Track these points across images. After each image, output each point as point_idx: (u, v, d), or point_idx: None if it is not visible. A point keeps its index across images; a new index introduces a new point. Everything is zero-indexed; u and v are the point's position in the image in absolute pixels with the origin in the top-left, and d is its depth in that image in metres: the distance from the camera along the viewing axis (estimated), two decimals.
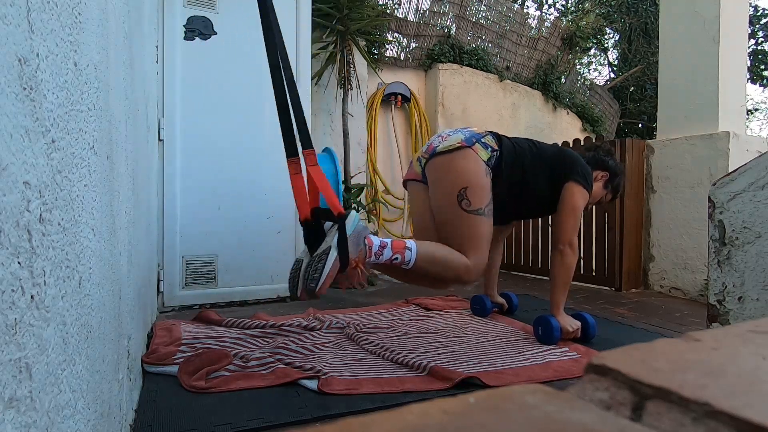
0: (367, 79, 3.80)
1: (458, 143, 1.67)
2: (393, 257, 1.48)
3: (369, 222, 3.71)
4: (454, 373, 1.42)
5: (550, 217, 2.13)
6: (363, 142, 3.74)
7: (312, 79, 3.05)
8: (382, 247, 1.47)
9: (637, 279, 3.20)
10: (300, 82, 2.67)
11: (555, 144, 1.97)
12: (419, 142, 4.26)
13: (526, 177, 1.80)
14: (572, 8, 9.74)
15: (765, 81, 9.83)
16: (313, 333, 1.88)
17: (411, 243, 1.52)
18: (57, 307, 0.51)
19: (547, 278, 1.88)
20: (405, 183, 1.94)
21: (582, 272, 3.38)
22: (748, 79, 4.34)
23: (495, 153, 1.73)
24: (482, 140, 1.72)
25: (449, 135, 1.74)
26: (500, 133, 1.84)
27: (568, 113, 5.39)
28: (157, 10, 2.32)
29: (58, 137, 0.53)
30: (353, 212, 1.46)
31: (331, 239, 1.39)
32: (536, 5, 9.78)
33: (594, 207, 3.27)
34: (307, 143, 1.50)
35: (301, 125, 1.50)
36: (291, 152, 1.45)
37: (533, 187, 1.82)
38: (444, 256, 1.57)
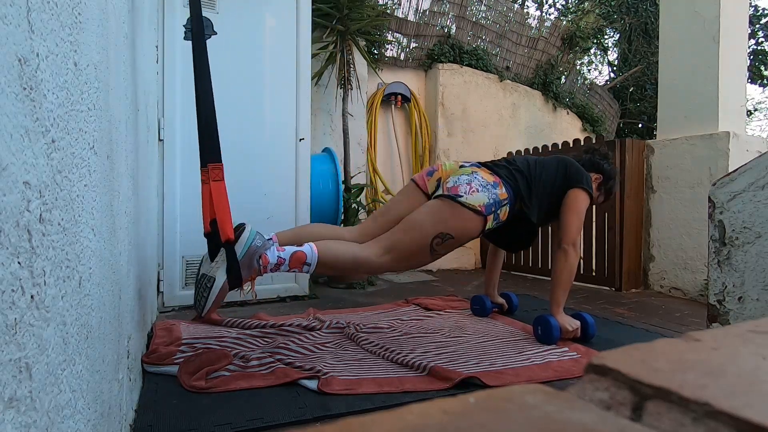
0: (367, 79, 3.80)
1: (479, 207, 1.68)
2: (290, 270, 1.54)
3: None
4: (454, 373, 1.42)
5: None
6: (363, 142, 3.74)
7: (312, 79, 3.05)
8: (279, 264, 1.49)
9: (637, 279, 3.20)
10: (300, 82, 2.68)
11: (555, 156, 2.00)
12: (419, 142, 4.26)
13: (527, 225, 1.90)
14: (572, 8, 9.74)
15: (765, 81, 9.83)
16: (313, 333, 1.88)
17: (311, 255, 1.53)
18: (57, 307, 0.51)
19: (548, 278, 1.88)
20: (412, 181, 1.95)
21: (582, 272, 3.38)
22: (748, 79, 4.34)
23: (498, 224, 1.79)
24: (499, 212, 1.74)
25: (477, 190, 1.70)
26: (518, 180, 1.83)
27: (568, 113, 5.39)
28: (157, 10, 2.32)
29: (58, 137, 0.53)
30: (247, 232, 1.47)
31: (217, 267, 1.41)
32: (536, 5, 9.78)
33: (594, 207, 3.27)
34: (215, 157, 1.46)
35: (212, 135, 1.47)
36: (202, 162, 1.45)
37: (533, 227, 1.93)
38: (350, 257, 1.60)
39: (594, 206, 3.25)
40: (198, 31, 1.48)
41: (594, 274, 3.33)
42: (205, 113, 1.45)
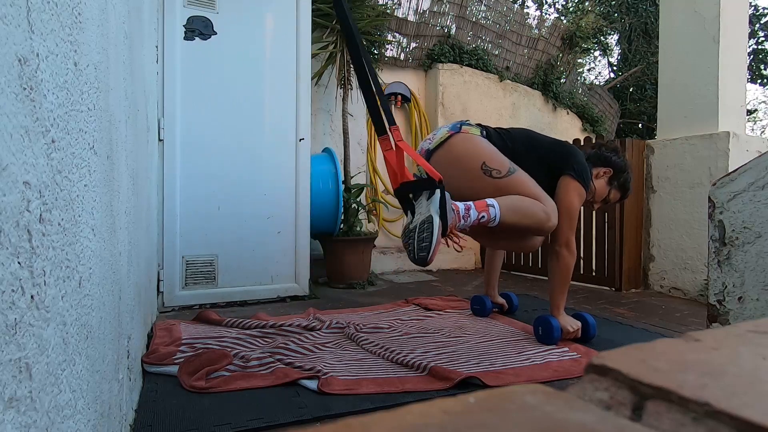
0: None
1: (447, 134, 1.74)
2: (480, 216, 1.52)
3: (369, 222, 3.72)
4: (454, 373, 1.42)
5: None
6: (363, 142, 3.74)
7: (312, 79, 3.05)
8: (467, 209, 1.50)
9: (637, 279, 3.20)
10: (300, 82, 2.68)
11: (557, 140, 1.95)
12: (419, 142, 4.26)
13: (517, 158, 1.76)
14: (572, 8, 9.74)
15: (765, 81, 9.83)
16: (313, 333, 1.88)
17: (491, 200, 1.55)
18: (57, 307, 0.51)
19: (548, 278, 1.87)
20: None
21: (582, 272, 3.38)
22: (748, 78, 4.34)
23: (483, 131, 1.79)
24: (466, 123, 1.79)
25: (434, 134, 1.80)
26: (500, 135, 1.85)
27: (568, 113, 5.39)
28: (157, 10, 2.32)
29: (58, 137, 0.53)
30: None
31: (426, 208, 1.43)
32: (536, 5, 9.79)
33: (599, 206, 3.26)
34: (392, 120, 1.56)
35: (384, 105, 1.57)
36: (381, 131, 1.55)
37: (525, 168, 1.76)
38: (524, 203, 1.59)
39: (599, 205, 3.25)
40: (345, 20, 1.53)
41: (594, 274, 3.33)
42: (375, 85, 1.54)
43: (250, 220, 2.55)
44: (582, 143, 3.43)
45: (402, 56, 4.33)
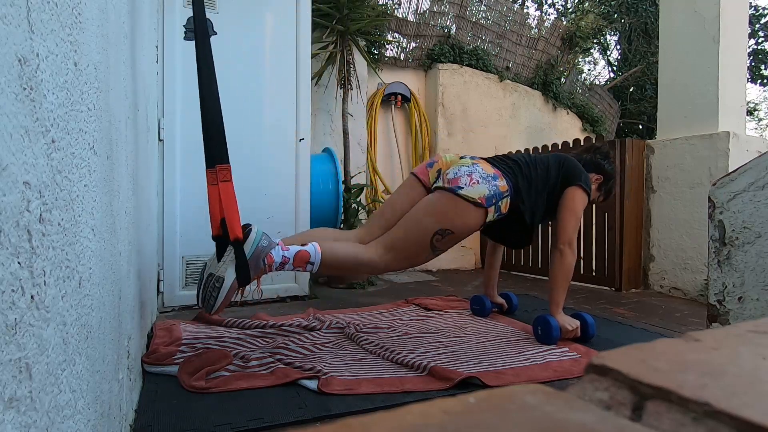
0: (367, 79, 3.80)
1: (480, 199, 1.65)
2: (295, 269, 1.56)
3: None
4: (454, 373, 1.42)
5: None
6: (363, 142, 3.74)
7: (312, 79, 3.05)
8: (283, 263, 1.52)
9: (637, 279, 3.20)
10: (300, 82, 2.68)
11: (555, 155, 1.98)
12: (419, 142, 4.26)
13: (525, 218, 1.81)
14: (572, 8, 9.74)
15: (765, 81, 9.83)
16: (313, 333, 1.88)
17: (314, 255, 1.55)
18: (57, 307, 0.51)
19: (548, 278, 1.88)
20: (412, 174, 1.93)
21: (582, 272, 3.38)
22: (748, 78, 4.34)
23: (500, 216, 1.75)
24: (500, 203, 1.72)
25: (477, 182, 1.68)
26: (516, 175, 1.81)
27: (568, 113, 5.39)
28: (157, 10, 2.32)
29: (58, 137, 0.53)
30: (254, 233, 1.49)
31: (226, 267, 1.42)
32: (536, 5, 9.79)
33: (594, 207, 3.27)
34: (224, 158, 1.51)
35: (221, 137, 1.51)
36: (209, 163, 1.49)
37: (539, 203, 1.85)
38: (352, 258, 1.62)
39: (594, 206, 3.26)
40: (201, 30, 1.47)
41: (594, 274, 3.33)
42: (211, 113, 1.47)
43: (249, 220, 2.54)
44: (582, 143, 3.43)
45: (402, 56, 4.33)
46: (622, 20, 8.67)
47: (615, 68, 9.90)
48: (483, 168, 1.74)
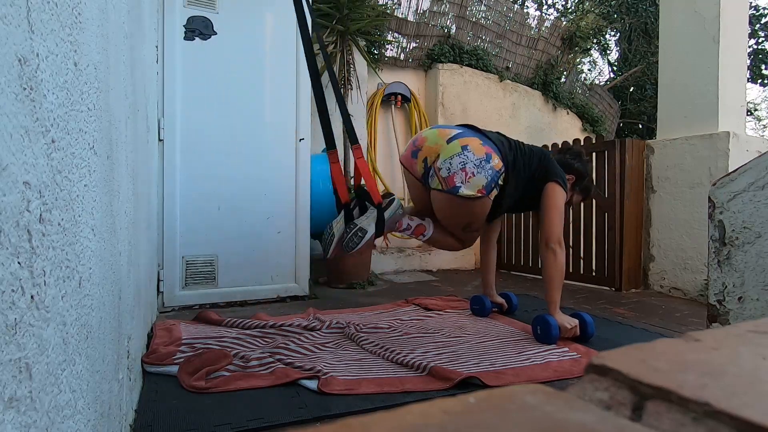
0: (367, 79, 3.80)
1: (479, 192, 1.75)
2: (411, 236, 1.94)
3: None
4: (454, 373, 1.42)
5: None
6: (363, 142, 3.74)
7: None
8: (407, 229, 1.90)
9: (637, 279, 3.20)
10: (300, 82, 2.68)
11: (537, 148, 2.03)
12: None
13: (521, 190, 1.93)
14: (572, 8, 9.74)
15: (765, 81, 9.83)
16: (313, 333, 1.88)
17: (428, 231, 1.92)
18: (57, 307, 0.51)
19: (543, 276, 1.89)
20: (402, 165, 2.01)
21: (582, 272, 3.38)
22: (748, 78, 4.34)
23: (500, 190, 1.85)
24: (498, 181, 1.81)
25: (473, 174, 1.72)
26: (505, 149, 1.87)
27: (568, 113, 5.39)
28: (157, 10, 2.32)
29: (58, 137, 0.53)
30: (395, 203, 1.85)
31: (369, 222, 1.79)
32: (536, 5, 9.79)
33: (594, 207, 3.27)
34: (355, 138, 1.92)
35: (349, 125, 1.98)
36: (330, 145, 1.84)
37: (525, 194, 1.95)
38: (446, 242, 1.97)
39: (594, 206, 3.26)
40: (304, 32, 1.86)
41: (594, 274, 3.33)
42: (321, 105, 1.85)
43: (250, 220, 2.55)
44: (582, 143, 3.44)
45: (402, 56, 4.33)
46: (622, 20, 8.67)
47: (615, 68, 9.91)
48: (474, 151, 1.76)
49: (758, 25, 9.35)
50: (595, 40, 8.53)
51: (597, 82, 9.92)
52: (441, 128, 1.91)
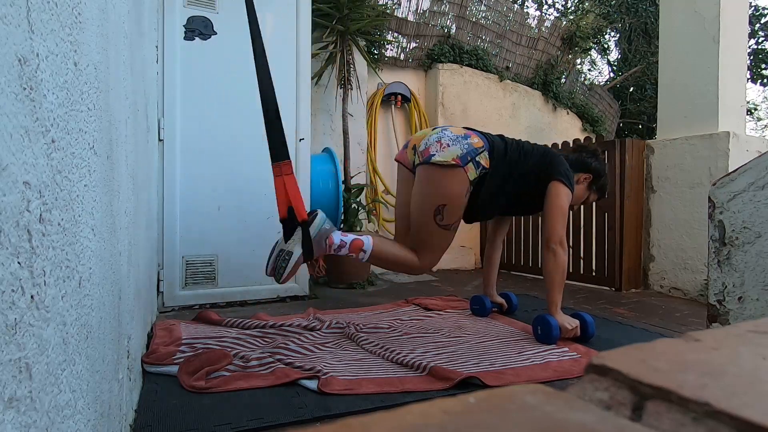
0: (367, 79, 3.80)
1: (453, 160, 1.71)
2: (348, 255, 1.73)
3: (369, 222, 3.72)
4: (454, 373, 1.42)
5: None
6: (363, 142, 3.74)
7: (312, 79, 3.05)
8: (341, 246, 1.70)
9: (637, 279, 3.20)
10: (300, 82, 2.68)
11: (544, 145, 2.01)
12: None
13: (515, 185, 1.87)
14: (572, 8, 9.74)
15: (765, 81, 9.83)
16: (313, 333, 1.88)
17: (367, 244, 1.73)
18: (57, 307, 0.51)
19: (543, 277, 1.88)
20: (397, 161, 2.00)
21: (582, 272, 3.38)
22: (748, 78, 4.34)
23: (484, 171, 1.77)
24: (477, 158, 1.74)
25: (448, 145, 1.73)
26: (494, 137, 1.86)
27: (568, 113, 5.39)
28: (157, 10, 2.32)
29: (58, 137, 0.53)
30: (318, 217, 1.67)
31: (294, 244, 1.62)
32: (536, 5, 9.78)
33: (594, 207, 3.28)
34: (287, 154, 1.68)
35: (282, 134, 1.69)
36: (282, 156, 1.66)
37: (521, 190, 1.89)
38: (396, 256, 1.79)
39: (594, 206, 3.26)
40: (256, 33, 1.66)
41: (594, 274, 3.33)
42: (270, 112, 1.65)
43: (250, 220, 2.55)
44: (582, 143, 3.44)
45: (402, 56, 4.33)
46: (622, 20, 8.67)
47: (615, 68, 9.91)
48: (452, 131, 1.79)
49: (758, 25, 9.35)
50: (595, 40, 8.53)
51: (597, 82, 9.92)
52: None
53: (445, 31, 4.50)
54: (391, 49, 4.27)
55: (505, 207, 1.96)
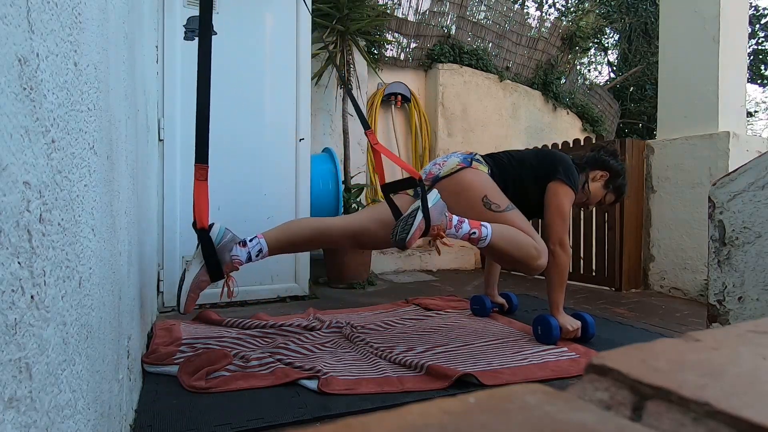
0: (367, 79, 3.80)
1: (458, 165, 1.78)
2: (471, 231, 1.59)
3: None
4: (450, 371, 1.42)
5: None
6: (363, 142, 3.74)
7: (312, 79, 3.05)
8: (461, 221, 1.59)
9: (637, 279, 3.20)
10: (300, 82, 2.68)
11: (534, 149, 2.04)
12: (419, 142, 4.26)
13: (515, 187, 1.87)
14: (572, 8, 9.74)
15: (765, 81, 9.83)
16: (313, 333, 1.88)
17: (487, 223, 1.63)
18: (57, 307, 0.51)
19: (545, 278, 1.88)
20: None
21: (582, 272, 3.38)
22: (748, 78, 4.34)
23: (489, 168, 1.85)
24: (476, 158, 1.84)
25: (445, 161, 1.83)
26: (496, 162, 1.92)
27: (568, 113, 5.39)
28: (157, 10, 2.32)
29: (58, 137, 0.53)
30: (435, 191, 1.61)
31: (414, 205, 1.54)
32: (536, 5, 9.78)
33: (594, 207, 3.27)
34: (203, 158, 1.50)
35: (205, 137, 1.52)
36: (202, 158, 1.47)
37: (522, 195, 1.87)
38: (518, 236, 1.66)
39: (594, 207, 3.26)
40: (205, 30, 1.42)
41: (594, 274, 3.33)
42: (201, 114, 1.47)
43: (250, 220, 2.55)
44: (582, 143, 3.43)
45: (402, 56, 4.33)
46: (622, 20, 8.67)
47: (615, 68, 9.91)
48: (438, 158, 1.90)
49: (758, 25, 9.35)
50: (595, 40, 8.53)
51: (597, 82, 9.92)
52: None
53: (445, 31, 4.50)
54: (391, 49, 4.27)
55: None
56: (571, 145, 3.52)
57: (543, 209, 1.88)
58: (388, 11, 4.16)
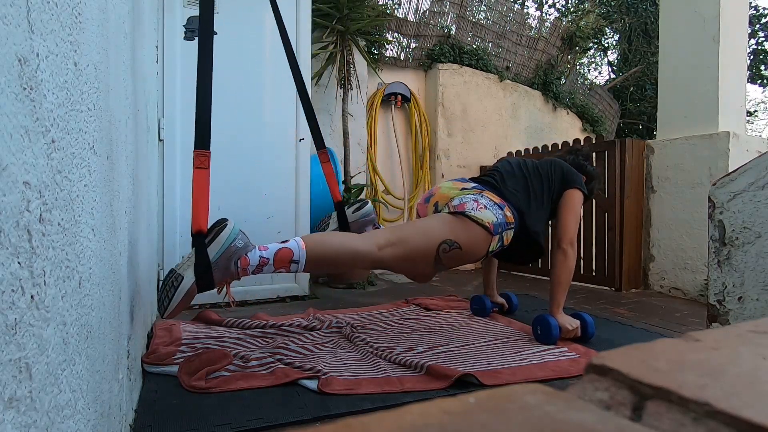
0: (367, 79, 3.80)
1: (488, 224, 1.63)
2: (277, 271, 1.37)
3: None
4: (450, 371, 1.42)
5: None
6: (363, 142, 3.74)
7: (312, 79, 3.05)
8: (261, 265, 1.32)
9: (637, 279, 3.20)
10: None
11: (547, 160, 2.02)
12: (419, 142, 4.26)
13: (529, 240, 1.82)
14: (572, 8, 9.74)
15: (765, 81, 9.83)
16: (313, 333, 1.88)
17: (298, 252, 1.36)
18: (57, 307, 0.51)
19: (547, 278, 1.88)
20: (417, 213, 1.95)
21: (582, 272, 3.38)
22: (748, 78, 4.34)
23: (501, 247, 1.73)
24: (503, 234, 1.69)
25: (485, 207, 1.67)
26: (520, 189, 1.85)
27: (568, 113, 5.39)
28: (157, 10, 2.32)
29: (58, 137, 0.53)
30: (227, 229, 1.30)
31: (188, 265, 1.27)
32: (536, 5, 9.78)
33: (594, 207, 3.28)
34: (206, 143, 1.36)
35: (207, 123, 1.40)
36: (200, 143, 1.33)
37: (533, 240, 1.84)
38: (337, 248, 1.43)
39: (594, 206, 3.26)
40: (206, 23, 1.38)
41: (594, 274, 3.33)
42: (202, 98, 1.36)
43: (250, 221, 2.55)
44: (582, 143, 3.43)
45: (402, 56, 4.33)
46: (622, 20, 8.67)
47: (615, 68, 9.91)
48: (489, 196, 1.73)
49: (758, 25, 9.35)
50: (595, 40, 8.53)
51: (597, 82, 9.92)
52: (457, 181, 1.85)
53: (445, 31, 4.50)
54: (391, 49, 4.27)
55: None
56: (571, 145, 3.52)
57: (551, 215, 1.96)
58: (388, 11, 4.16)
